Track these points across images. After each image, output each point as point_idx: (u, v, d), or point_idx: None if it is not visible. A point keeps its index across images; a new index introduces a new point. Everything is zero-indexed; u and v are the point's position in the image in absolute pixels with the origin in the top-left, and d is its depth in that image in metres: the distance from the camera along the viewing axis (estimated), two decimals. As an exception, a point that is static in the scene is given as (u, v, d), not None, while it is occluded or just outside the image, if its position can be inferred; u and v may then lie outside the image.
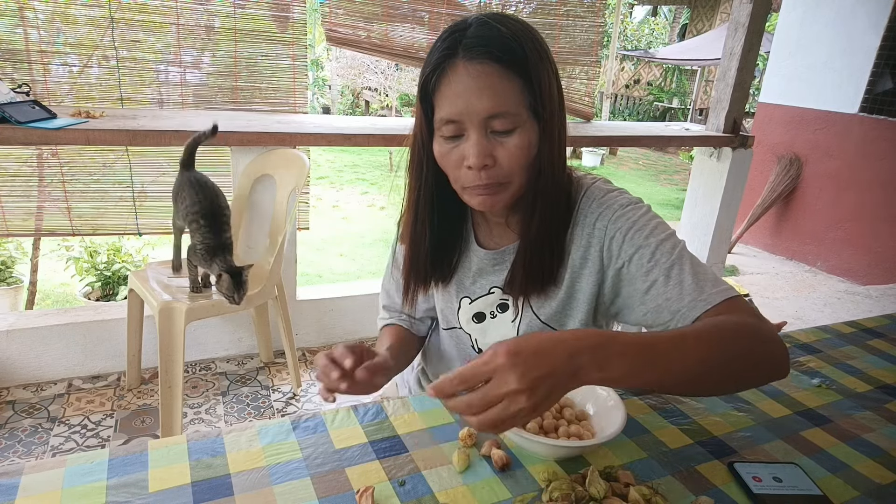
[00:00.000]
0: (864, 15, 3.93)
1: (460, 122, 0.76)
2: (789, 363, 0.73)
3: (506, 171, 0.78)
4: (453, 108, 0.75)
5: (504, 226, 0.91)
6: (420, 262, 0.92)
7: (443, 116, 0.76)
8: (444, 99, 0.76)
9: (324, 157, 8.04)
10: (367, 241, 5.00)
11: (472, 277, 0.94)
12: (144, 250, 3.09)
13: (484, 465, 0.67)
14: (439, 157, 0.80)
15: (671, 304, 0.76)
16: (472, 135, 0.76)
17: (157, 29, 2.20)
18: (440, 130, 0.78)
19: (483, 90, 0.74)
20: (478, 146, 0.75)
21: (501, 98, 0.74)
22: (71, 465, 0.63)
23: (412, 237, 0.91)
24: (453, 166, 0.79)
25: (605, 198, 0.85)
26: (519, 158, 0.77)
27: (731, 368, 0.67)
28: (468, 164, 0.76)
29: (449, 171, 0.81)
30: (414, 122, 0.85)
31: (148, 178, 2.28)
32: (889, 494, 0.67)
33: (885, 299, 3.40)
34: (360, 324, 2.60)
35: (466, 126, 0.76)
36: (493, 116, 0.74)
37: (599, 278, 0.85)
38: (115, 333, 2.17)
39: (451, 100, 0.75)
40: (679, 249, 0.79)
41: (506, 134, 0.76)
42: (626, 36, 13.42)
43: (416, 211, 0.88)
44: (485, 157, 0.75)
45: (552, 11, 2.82)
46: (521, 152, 0.77)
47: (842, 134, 4.14)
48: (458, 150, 0.78)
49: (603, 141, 3.15)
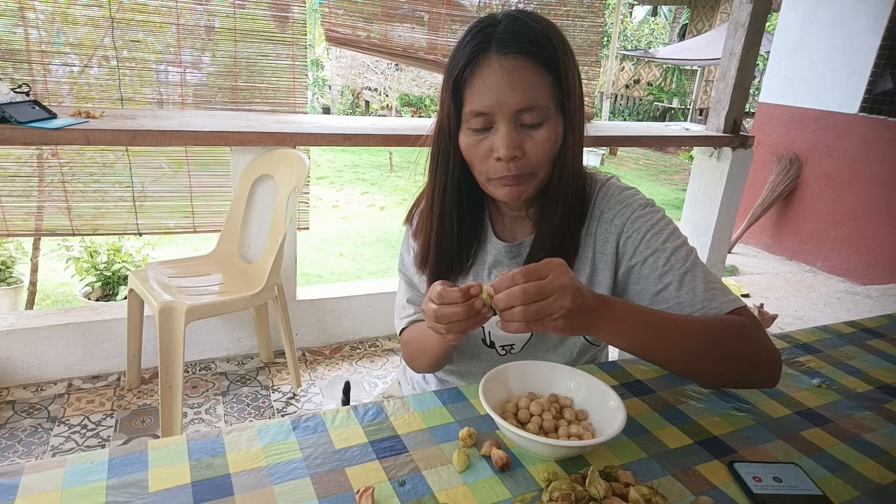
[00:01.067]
0: (864, 15, 3.93)
1: (490, 115, 0.78)
2: (780, 374, 0.80)
3: (533, 163, 0.80)
4: (486, 101, 0.77)
5: (522, 219, 0.93)
6: (443, 253, 0.92)
7: (474, 109, 0.78)
8: (476, 92, 0.78)
9: (324, 157, 8.04)
10: (367, 241, 5.00)
11: (488, 269, 0.95)
12: (144, 250, 3.09)
13: (484, 465, 0.67)
14: (466, 149, 0.82)
15: (683, 308, 0.81)
16: (502, 127, 0.78)
17: (157, 29, 2.21)
18: (469, 122, 0.80)
19: (516, 84, 0.76)
20: (508, 138, 0.77)
21: (533, 92, 0.77)
22: (71, 465, 0.63)
23: (437, 227, 0.91)
24: (481, 158, 0.81)
25: (622, 195, 0.88)
26: (546, 151, 0.80)
27: (727, 359, 0.77)
28: (497, 155, 0.78)
29: (475, 162, 0.82)
30: (438, 115, 0.86)
31: (148, 178, 2.28)
32: (889, 494, 0.67)
33: (885, 299, 3.40)
34: (361, 324, 2.60)
35: (497, 118, 0.78)
36: (524, 110, 0.77)
37: (613, 273, 0.88)
38: (115, 333, 2.17)
39: (484, 93, 0.77)
40: (693, 258, 0.84)
41: (534, 127, 0.79)
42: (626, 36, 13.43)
43: (442, 202, 0.89)
44: (514, 149, 0.78)
45: (552, 11, 2.82)
46: (549, 145, 0.80)
47: (842, 134, 4.14)
48: (487, 141, 0.80)
49: (603, 141, 3.15)
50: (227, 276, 2.08)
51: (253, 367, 2.35)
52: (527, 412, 0.73)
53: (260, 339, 2.36)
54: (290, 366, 2.21)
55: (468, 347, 1.00)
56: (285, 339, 2.18)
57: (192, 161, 2.31)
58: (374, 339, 2.63)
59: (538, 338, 0.94)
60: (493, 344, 0.97)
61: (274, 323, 2.32)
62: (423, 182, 0.93)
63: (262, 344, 2.36)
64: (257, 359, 2.40)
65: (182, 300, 1.78)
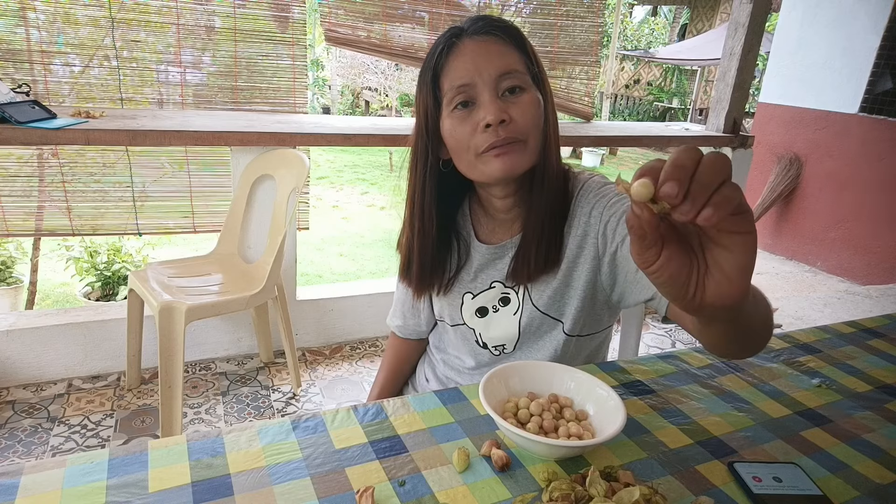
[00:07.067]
0: (864, 15, 3.93)
1: (472, 86, 0.80)
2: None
3: (521, 128, 0.81)
4: (465, 73, 0.80)
5: (507, 220, 0.94)
6: (425, 259, 0.93)
7: (454, 84, 0.81)
8: (453, 70, 0.81)
9: (324, 157, 8.04)
10: (367, 241, 5.00)
11: (473, 273, 0.96)
12: (144, 250, 3.09)
13: (484, 465, 0.67)
14: (451, 131, 0.83)
15: None
16: (485, 95, 0.80)
17: (157, 29, 2.21)
18: (451, 102, 0.82)
19: (491, 53, 0.80)
20: (493, 104, 0.79)
21: (509, 59, 0.81)
22: (71, 465, 0.63)
23: (419, 231, 0.91)
24: (468, 135, 0.81)
25: (601, 189, 0.89)
26: (532, 115, 0.81)
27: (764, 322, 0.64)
28: (486, 122, 0.79)
29: (462, 143, 0.82)
30: (416, 117, 0.88)
31: (148, 179, 2.28)
32: (889, 494, 0.67)
33: (885, 299, 3.39)
34: (361, 324, 2.60)
35: (478, 89, 0.80)
36: (504, 75, 0.80)
37: (595, 265, 0.87)
38: (115, 333, 2.17)
39: (462, 66, 0.80)
40: None
41: (516, 92, 0.81)
42: (626, 36, 13.43)
43: (423, 202, 0.90)
44: (501, 112, 0.79)
45: (552, 11, 2.81)
46: (534, 109, 0.82)
47: (842, 134, 4.14)
48: (471, 117, 0.81)
49: (603, 141, 3.15)
50: (227, 276, 2.08)
51: (253, 367, 2.35)
52: (527, 412, 0.73)
53: (260, 339, 2.36)
54: (290, 366, 2.21)
55: (468, 348, 1.01)
56: (285, 339, 2.18)
57: (193, 161, 2.30)
58: (374, 339, 2.63)
59: (527, 336, 0.94)
60: (485, 345, 0.98)
61: (274, 323, 2.32)
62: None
63: (262, 344, 2.36)
64: (257, 359, 2.40)
65: (182, 300, 1.78)
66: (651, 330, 2.96)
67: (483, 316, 0.96)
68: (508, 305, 0.94)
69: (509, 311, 0.94)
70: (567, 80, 2.95)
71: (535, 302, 0.91)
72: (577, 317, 0.91)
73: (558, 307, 0.91)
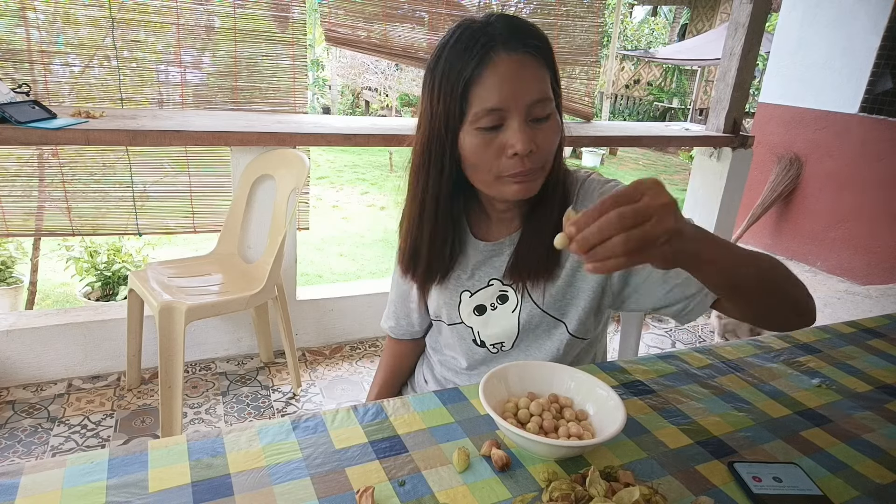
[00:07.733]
0: (864, 15, 3.93)
1: (503, 111, 0.78)
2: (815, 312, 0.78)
3: (544, 156, 0.81)
4: (499, 97, 0.77)
5: (506, 218, 0.93)
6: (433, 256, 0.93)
7: (486, 106, 0.77)
8: (486, 89, 0.77)
9: (324, 157, 8.04)
10: (367, 241, 5.00)
11: (471, 271, 0.96)
12: (144, 250, 3.09)
13: (484, 465, 0.67)
14: (472, 150, 0.80)
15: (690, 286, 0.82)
16: (515, 122, 0.78)
17: (157, 29, 2.21)
18: (478, 122, 0.79)
19: (527, 79, 0.78)
20: (524, 133, 0.77)
21: (542, 84, 0.79)
22: (71, 465, 0.63)
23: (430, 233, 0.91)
24: (492, 156, 0.80)
25: (603, 188, 0.89)
26: (553, 143, 0.82)
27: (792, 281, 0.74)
28: (514, 150, 0.77)
29: (483, 162, 0.81)
30: (429, 122, 0.83)
31: (148, 179, 2.28)
32: (889, 494, 0.67)
33: (885, 299, 3.39)
34: (361, 324, 2.60)
35: (509, 114, 0.78)
36: (536, 103, 0.78)
37: None
38: (115, 333, 2.17)
39: (496, 87, 0.77)
40: None
41: (542, 120, 0.80)
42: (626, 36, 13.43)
43: (436, 209, 0.89)
44: (530, 143, 0.78)
45: (552, 11, 2.82)
46: (556, 136, 0.82)
47: (842, 134, 4.14)
48: (497, 140, 0.79)
49: (603, 141, 3.15)
50: (227, 276, 2.08)
51: (253, 367, 2.35)
52: (527, 412, 0.73)
53: (260, 339, 2.36)
54: (290, 366, 2.21)
55: (463, 347, 1.01)
56: (285, 339, 2.18)
57: (193, 161, 2.30)
58: (374, 339, 2.63)
59: (526, 334, 0.94)
60: (483, 343, 0.97)
61: (274, 323, 2.32)
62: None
63: (262, 344, 2.36)
64: (257, 359, 2.40)
65: (182, 300, 1.78)
66: (651, 330, 2.97)
67: (481, 314, 0.96)
68: (506, 303, 0.94)
69: (507, 309, 0.94)
70: (567, 80, 2.95)
71: (537, 300, 0.91)
72: (582, 318, 0.91)
73: (560, 307, 0.91)
